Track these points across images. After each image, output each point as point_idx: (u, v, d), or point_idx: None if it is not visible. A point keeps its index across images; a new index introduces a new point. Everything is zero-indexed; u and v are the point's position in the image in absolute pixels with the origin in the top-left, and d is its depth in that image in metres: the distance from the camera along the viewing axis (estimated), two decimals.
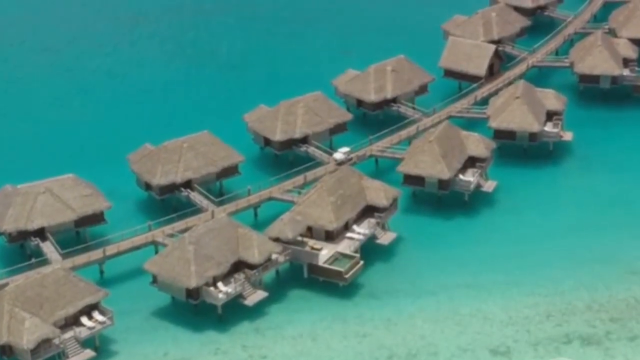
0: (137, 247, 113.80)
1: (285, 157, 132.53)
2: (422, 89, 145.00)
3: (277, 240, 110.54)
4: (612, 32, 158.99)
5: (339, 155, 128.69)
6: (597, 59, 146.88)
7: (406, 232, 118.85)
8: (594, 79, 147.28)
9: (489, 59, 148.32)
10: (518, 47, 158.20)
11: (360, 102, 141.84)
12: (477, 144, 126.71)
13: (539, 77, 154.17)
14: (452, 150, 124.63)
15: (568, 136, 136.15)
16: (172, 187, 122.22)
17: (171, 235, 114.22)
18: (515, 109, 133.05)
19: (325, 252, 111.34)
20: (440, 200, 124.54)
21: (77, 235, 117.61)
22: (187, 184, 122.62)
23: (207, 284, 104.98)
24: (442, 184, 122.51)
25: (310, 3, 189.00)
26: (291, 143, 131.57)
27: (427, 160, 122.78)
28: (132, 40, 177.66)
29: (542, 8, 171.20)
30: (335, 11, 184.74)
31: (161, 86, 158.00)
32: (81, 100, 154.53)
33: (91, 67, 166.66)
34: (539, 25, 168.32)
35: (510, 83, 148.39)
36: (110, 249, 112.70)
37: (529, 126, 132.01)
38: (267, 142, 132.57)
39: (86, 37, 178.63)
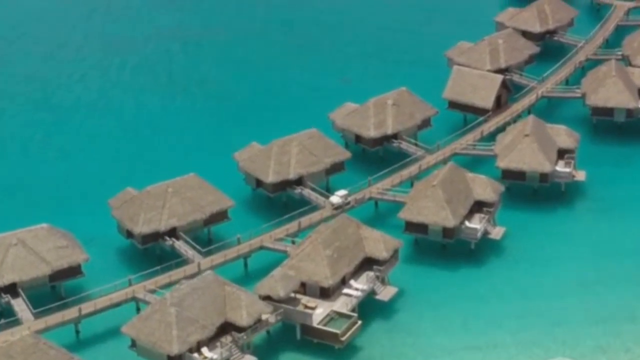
0: (116, 305, 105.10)
1: (279, 200, 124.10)
2: (425, 123, 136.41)
3: (267, 298, 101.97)
4: (626, 60, 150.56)
5: (335, 199, 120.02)
6: (611, 91, 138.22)
7: (408, 286, 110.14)
8: (608, 111, 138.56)
9: (496, 90, 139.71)
10: (526, 75, 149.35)
11: (358, 138, 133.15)
12: (484, 188, 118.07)
13: (548, 108, 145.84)
14: (457, 195, 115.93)
15: (581, 176, 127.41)
16: (156, 236, 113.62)
17: (153, 291, 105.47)
18: (525, 148, 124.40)
19: (319, 312, 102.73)
20: (445, 249, 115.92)
21: (53, 289, 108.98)
22: (172, 232, 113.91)
23: (191, 350, 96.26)
24: (447, 232, 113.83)
25: (307, 28, 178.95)
26: (285, 185, 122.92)
27: (431, 206, 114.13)
28: (114, 68, 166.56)
29: (552, 33, 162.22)
30: (333, 36, 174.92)
31: (145, 120, 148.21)
32: (57, 137, 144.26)
33: (69, 99, 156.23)
34: (548, 51, 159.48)
35: (519, 116, 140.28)
36: (87, 307, 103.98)
37: (540, 166, 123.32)
38: (259, 183, 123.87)
39: (64, 64, 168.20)
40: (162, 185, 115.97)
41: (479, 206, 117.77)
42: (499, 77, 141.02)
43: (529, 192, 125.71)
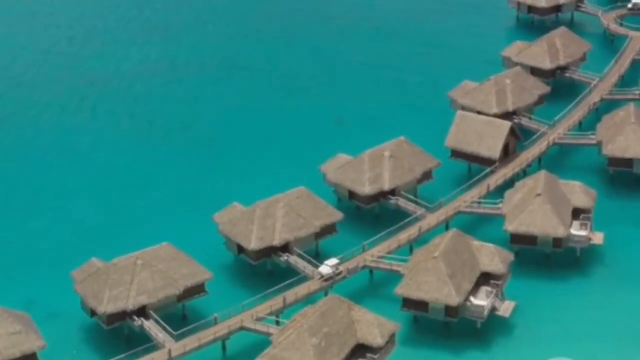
0: None
1: (263, 267, 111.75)
2: (426, 176, 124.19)
3: None
4: None
5: (325, 269, 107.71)
6: (630, 140, 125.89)
7: None
8: (627, 162, 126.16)
9: (504, 138, 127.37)
10: (536, 119, 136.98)
11: (352, 194, 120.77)
12: (492, 258, 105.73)
13: (560, 156, 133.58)
14: (462, 268, 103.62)
15: (598, 239, 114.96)
16: (123, 315, 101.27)
17: None
18: (537, 209, 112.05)
19: None
20: (448, 328, 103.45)
21: None
22: (142, 311, 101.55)
23: None
24: (450, 310, 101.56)
25: (297, 64, 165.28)
26: (269, 251, 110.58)
27: (432, 282, 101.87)
28: (82, 109, 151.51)
29: (563, 69, 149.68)
30: (326, 73, 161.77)
31: (116, 173, 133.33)
32: (12, 191, 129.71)
33: (29, 144, 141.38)
34: (559, 89, 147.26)
35: (529, 166, 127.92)
36: None
37: (553, 231, 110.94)
38: (241, 249, 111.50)
39: (23, 105, 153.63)
40: (131, 257, 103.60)
41: (485, 278, 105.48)
42: (507, 125, 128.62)
43: (541, 257, 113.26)
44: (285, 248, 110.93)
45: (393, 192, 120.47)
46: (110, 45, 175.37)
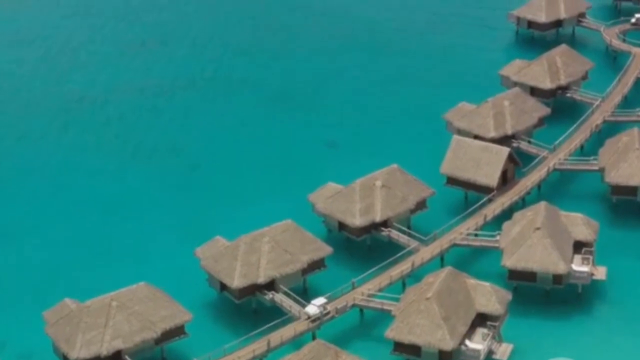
0: None
1: (247, 306, 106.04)
2: (420, 205, 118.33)
3: None
4: None
5: (312, 309, 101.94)
6: (633, 166, 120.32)
7: None
8: (630, 190, 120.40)
9: (501, 165, 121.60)
10: (536, 143, 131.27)
11: (342, 225, 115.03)
12: (489, 298, 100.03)
13: (561, 181, 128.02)
14: (456, 309, 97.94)
15: (601, 273, 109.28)
16: None
17: None
18: (536, 244, 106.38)
19: None
20: None
21: None
22: (117, 356, 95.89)
23: None
24: (444, 355, 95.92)
25: (288, 83, 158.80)
26: (254, 289, 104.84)
27: (424, 324, 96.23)
28: (57, 131, 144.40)
29: (564, 88, 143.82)
30: (318, 93, 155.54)
31: (88, 202, 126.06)
32: None
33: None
34: (559, 109, 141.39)
35: (527, 193, 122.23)
36: None
37: (553, 266, 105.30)
38: (224, 286, 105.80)
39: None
40: (105, 298, 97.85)
41: (481, 319, 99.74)
42: (505, 150, 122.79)
43: (541, 295, 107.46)
44: (271, 285, 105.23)
45: (385, 223, 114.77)
46: (84, 62, 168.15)
